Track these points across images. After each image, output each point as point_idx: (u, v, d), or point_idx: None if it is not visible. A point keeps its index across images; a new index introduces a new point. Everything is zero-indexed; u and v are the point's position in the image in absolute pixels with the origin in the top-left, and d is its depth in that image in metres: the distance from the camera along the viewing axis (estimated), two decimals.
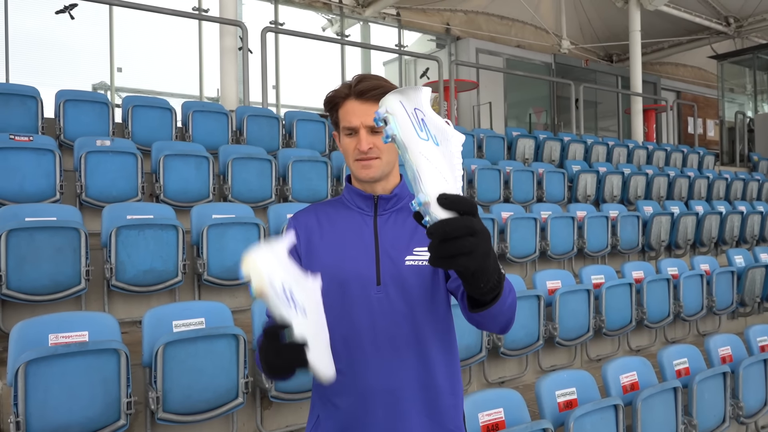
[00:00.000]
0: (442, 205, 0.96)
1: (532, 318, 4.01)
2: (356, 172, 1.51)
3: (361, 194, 1.54)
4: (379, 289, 1.46)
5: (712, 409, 3.41)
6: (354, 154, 1.49)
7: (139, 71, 10.17)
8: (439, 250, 0.95)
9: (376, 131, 1.48)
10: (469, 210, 0.97)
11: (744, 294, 5.72)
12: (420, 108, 1.02)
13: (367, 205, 1.54)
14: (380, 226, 1.52)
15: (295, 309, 1.16)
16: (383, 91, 1.47)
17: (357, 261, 1.48)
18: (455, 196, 0.97)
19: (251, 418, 3.13)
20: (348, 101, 1.49)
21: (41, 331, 2.64)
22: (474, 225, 0.95)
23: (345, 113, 1.49)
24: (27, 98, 5.16)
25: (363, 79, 1.49)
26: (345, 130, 1.50)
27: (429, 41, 13.62)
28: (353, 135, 1.49)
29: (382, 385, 1.44)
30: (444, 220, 0.95)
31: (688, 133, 16.82)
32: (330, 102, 1.54)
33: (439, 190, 0.96)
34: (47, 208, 3.81)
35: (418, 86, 1.05)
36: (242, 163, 5.06)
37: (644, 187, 7.89)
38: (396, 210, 1.55)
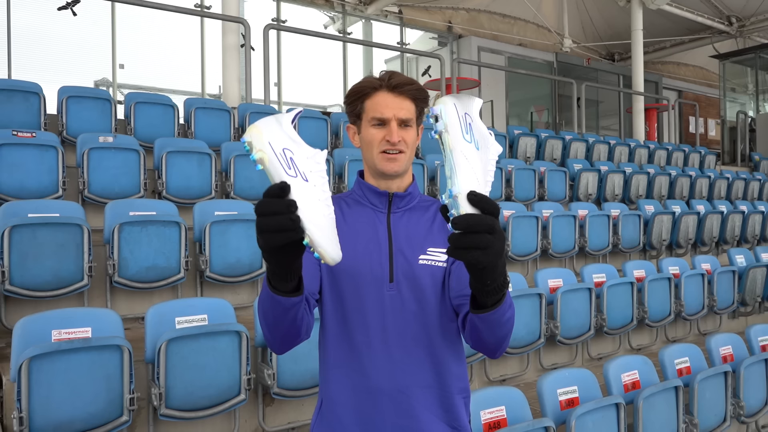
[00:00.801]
0: (470, 201, 1.06)
1: (533, 316, 4.01)
2: (380, 164, 1.49)
3: (376, 191, 1.53)
4: (392, 287, 1.45)
5: (713, 408, 3.42)
6: (380, 145, 1.48)
7: (141, 68, 10.17)
8: (459, 241, 1.04)
9: (405, 125, 1.48)
10: (492, 210, 1.06)
11: (745, 293, 5.72)
12: (470, 114, 1.14)
13: (380, 202, 1.53)
14: (394, 224, 1.51)
15: (296, 174, 1.09)
16: (416, 87, 1.49)
17: (370, 257, 1.46)
18: (483, 195, 1.07)
19: (253, 415, 3.14)
20: (379, 92, 1.48)
21: (44, 327, 2.65)
22: (494, 224, 1.05)
23: (375, 104, 1.48)
24: (30, 94, 5.16)
25: (394, 74, 1.50)
26: (373, 121, 1.48)
27: (431, 39, 13.61)
28: (382, 126, 1.48)
29: (391, 383, 1.44)
30: (469, 214, 1.04)
31: (690, 133, 16.81)
32: (359, 91, 1.51)
33: (470, 187, 1.07)
34: (50, 205, 3.81)
35: (472, 96, 1.17)
36: (245, 160, 5.07)
37: (646, 186, 7.89)
38: (409, 208, 1.54)
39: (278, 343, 1.37)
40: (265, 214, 1.06)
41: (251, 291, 4.25)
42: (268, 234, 1.06)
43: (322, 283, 1.49)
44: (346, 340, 1.47)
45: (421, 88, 1.51)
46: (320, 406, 1.53)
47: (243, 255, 4.00)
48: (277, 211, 1.05)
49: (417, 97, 1.50)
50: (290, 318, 1.28)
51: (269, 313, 1.28)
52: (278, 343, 1.38)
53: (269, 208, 1.05)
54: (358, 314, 1.45)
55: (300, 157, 1.12)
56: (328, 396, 1.49)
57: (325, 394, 1.51)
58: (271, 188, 1.06)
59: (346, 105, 1.56)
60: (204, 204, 4.28)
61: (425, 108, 1.54)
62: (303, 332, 1.37)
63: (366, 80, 1.51)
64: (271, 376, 2.94)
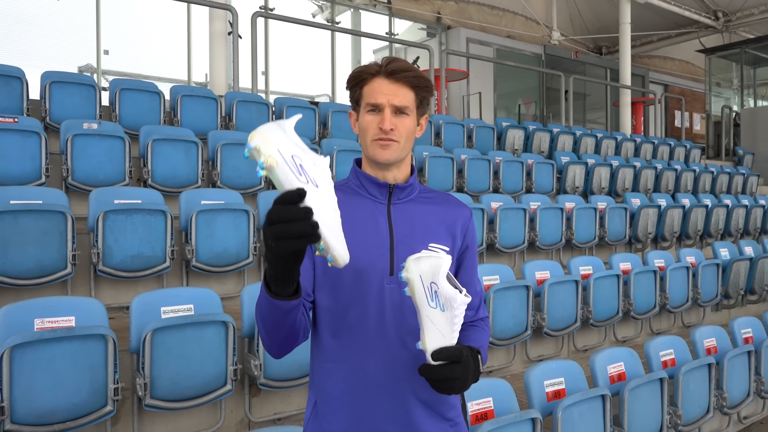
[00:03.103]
0: (434, 358, 1.28)
1: (520, 308, 4.02)
2: (372, 152, 1.46)
3: (376, 182, 1.49)
4: (392, 280, 1.43)
5: (697, 399, 3.45)
6: (374, 132, 1.44)
7: (126, 54, 10.02)
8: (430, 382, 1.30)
9: (401, 113, 1.45)
10: (456, 360, 1.29)
11: (728, 286, 5.79)
12: (435, 281, 1.26)
13: (380, 193, 1.50)
14: (394, 216, 1.48)
15: (307, 180, 1.12)
16: (414, 74, 1.45)
17: (371, 250, 1.43)
18: (446, 350, 1.28)
19: (239, 406, 3.12)
20: (376, 78, 1.45)
21: (27, 315, 2.61)
22: (452, 374, 1.29)
23: (371, 90, 1.44)
24: (12, 79, 5.06)
25: (394, 60, 1.46)
26: (368, 107, 1.45)
27: (419, 30, 13.55)
28: (376, 113, 1.44)
29: (388, 376, 1.42)
30: (431, 366, 1.28)
31: (675, 127, 16.94)
32: (357, 77, 1.47)
33: (435, 346, 1.28)
34: (33, 191, 3.75)
35: (439, 254, 1.28)
36: (232, 149, 5.01)
37: (632, 180, 7.94)
38: (410, 200, 1.52)
39: (277, 347, 1.38)
40: (284, 221, 1.07)
41: (238, 281, 4.22)
42: (286, 241, 1.07)
43: (316, 279, 1.46)
44: (343, 334, 1.44)
45: (420, 75, 1.47)
46: (314, 404, 1.49)
47: (230, 244, 3.96)
48: (295, 218, 1.07)
49: (416, 85, 1.46)
50: (290, 321, 1.30)
51: (268, 318, 1.29)
52: (277, 347, 1.39)
53: (288, 215, 1.07)
54: (356, 307, 1.42)
55: (308, 164, 1.14)
56: (324, 390, 1.46)
57: (319, 390, 1.48)
58: (288, 195, 1.07)
59: (348, 90, 1.53)
60: (190, 193, 4.23)
61: (428, 96, 1.50)
62: (301, 335, 1.39)
63: (365, 66, 1.48)
64: (257, 366, 2.92)
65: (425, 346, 1.28)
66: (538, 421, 2.55)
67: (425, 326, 1.28)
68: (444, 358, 1.27)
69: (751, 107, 14.17)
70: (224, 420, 3.03)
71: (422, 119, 1.52)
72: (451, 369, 1.27)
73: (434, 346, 1.28)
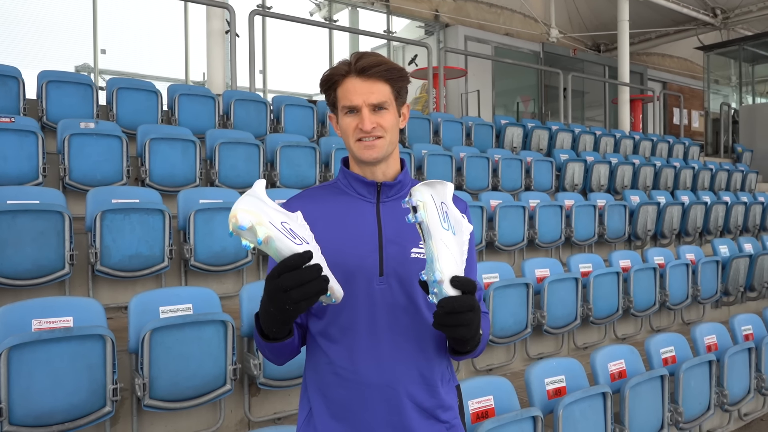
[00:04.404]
0: (453, 285, 1.20)
1: (520, 306, 4.01)
2: (358, 153, 1.44)
3: (363, 180, 1.47)
4: (382, 280, 1.40)
5: (698, 396, 3.45)
6: (355, 133, 1.42)
7: (123, 53, 9.99)
8: (444, 320, 1.21)
9: (379, 108, 1.42)
10: (471, 289, 1.22)
11: (728, 283, 5.78)
12: (445, 202, 1.25)
13: (368, 192, 1.47)
14: (383, 215, 1.46)
15: (301, 241, 1.19)
16: (386, 68, 1.42)
17: (359, 250, 1.41)
18: (464, 278, 1.22)
19: (239, 405, 3.10)
20: (348, 79, 1.42)
21: (24, 316, 2.59)
22: (474, 303, 1.22)
23: (345, 91, 1.42)
24: (8, 78, 5.04)
25: (363, 56, 1.42)
26: (345, 109, 1.42)
27: (417, 28, 13.52)
28: (354, 114, 1.42)
29: (381, 378, 1.39)
30: (454, 296, 1.20)
31: (674, 124, 16.93)
32: (328, 80, 1.45)
33: (452, 272, 1.21)
34: (30, 191, 3.73)
35: (443, 181, 1.27)
36: (230, 148, 5.00)
37: (631, 177, 7.93)
38: (399, 198, 1.48)
39: (279, 363, 1.45)
40: (301, 284, 1.16)
41: (237, 280, 4.20)
42: (305, 302, 1.17)
43: None
44: (335, 338, 1.42)
45: (393, 67, 1.44)
46: (309, 409, 1.46)
47: (228, 244, 3.95)
48: (311, 278, 1.16)
49: (389, 78, 1.43)
50: (289, 349, 1.39)
51: (266, 351, 1.39)
52: (279, 364, 1.45)
53: (304, 278, 1.16)
54: (347, 309, 1.40)
55: (295, 225, 1.21)
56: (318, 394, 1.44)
57: (313, 394, 1.45)
58: (295, 260, 1.15)
59: (323, 94, 1.50)
60: (188, 192, 4.21)
61: (404, 85, 1.48)
62: (300, 346, 1.45)
63: (335, 67, 1.44)
64: (257, 366, 2.91)
65: (443, 273, 1.20)
66: (539, 419, 2.54)
67: (440, 251, 1.21)
68: (463, 285, 1.21)
69: (749, 104, 14.17)
70: (224, 420, 3.02)
71: (403, 109, 1.50)
72: (470, 298, 1.21)
73: (451, 272, 1.21)
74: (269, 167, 5.30)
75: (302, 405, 1.50)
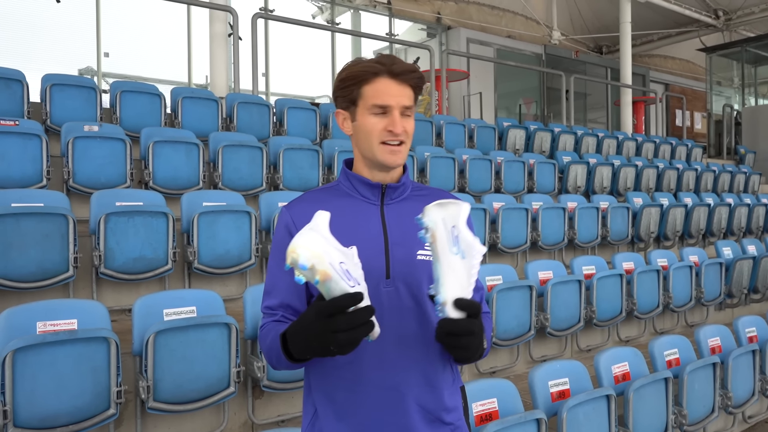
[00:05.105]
0: (457, 307, 1.24)
1: (524, 308, 4.01)
2: (381, 156, 1.42)
3: (368, 183, 1.46)
4: (389, 283, 1.40)
5: (702, 399, 3.43)
6: (381, 135, 1.41)
7: (126, 57, 10.02)
8: (443, 340, 1.27)
9: (407, 115, 1.43)
10: (474, 312, 1.25)
11: (732, 285, 5.77)
12: (457, 225, 1.26)
13: (373, 194, 1.46)
14: (388, 217, 1.45)
15: (354, 283, 1.20)
16: (418, 75, 1.43)
17: (366, 253, 1.37)
18: (468, 301, 1.25)
19: (243, 408, 3.10)
20: (380, 78, 1.40)
21: (29, 318, 2.59)
22: (473, 327, 1.26)
23: (376, 91, 1.40)
24: (12, 81, 5.05)
25: (395, 59, 1.42)
26: (375, 108, 1.40)
27: (420, 30, 13.54)
28: (382, 115, 1.41)
29: (387, 381, 1.39)
30: (454, 320, 1.24)
31: (676, 126, 16.91)
32: (358, 76, 1.41)
33: (455, 296, 1.24)
34: (34, 194, 3.74)
35: (459, 201, 1.28)
36: (233, 151, 5.00)
37: (634, 179, 7.92)
38: (402, 199, 1.49)
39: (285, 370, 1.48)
40: (353, 327, 1.17)
41: (240, 282, 4.21)
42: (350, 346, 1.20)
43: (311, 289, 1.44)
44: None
45: (422, 76, 1.47)
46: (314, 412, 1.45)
47: (232, 246, 3.95)
48: (362, 322, 1.18)
49: (417, 86, 1.44)
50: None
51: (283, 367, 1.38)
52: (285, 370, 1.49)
53: (355, 322, 1.18)
54: None
55: (350, 265, 1.22)
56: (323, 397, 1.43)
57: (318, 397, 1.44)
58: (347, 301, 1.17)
59: (339, 89, 1.45)
60: (192, 194, 4.22)
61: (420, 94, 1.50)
62: None
63: (364, 64, 1.42)
64: (260, 368, 2.91)
65: (445, 295, 1.23)
66: (543, 422, 2.54)
67: (445, 275, 1.24)
68: (466, 307, 1.24)
69: (752, 106, 14.15)
70: (227, 422, 3.02)
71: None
72: (471, 323, 1.25)
73: (454, 295, 1.23)
74: (272, 170, 5.31)
75: (306, 407, 1.49)
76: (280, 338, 1.32)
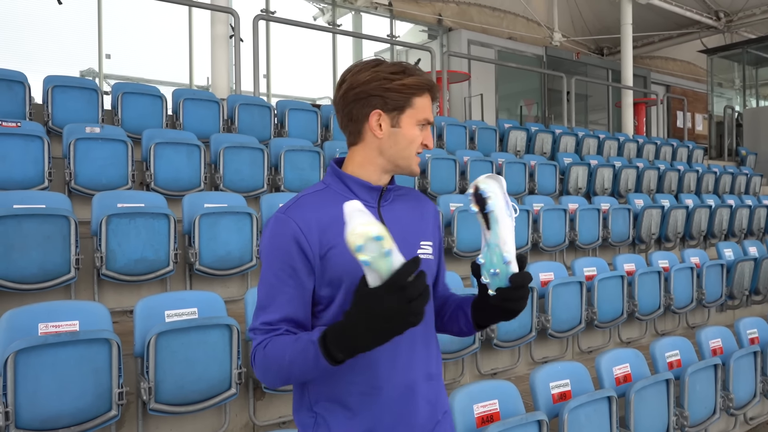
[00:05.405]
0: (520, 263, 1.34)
1: (525, 310, 3.98)
2: (414, 166, 1.49)
3: (368, 185, 1.46)
4: None
5: (704, 400, 3.43)
6: (418, 147, 1.47)
7: (127, 58, 10.03)
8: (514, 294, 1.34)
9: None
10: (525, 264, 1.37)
11: (733, 287, 5.76)
12: (505, 192, 1.39)
13: (371, 197, 1.46)
14: (386, 218, 1.46)
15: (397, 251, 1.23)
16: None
17: None
18: (524, 257, 1.37)
19: (244, 409, 3.11)
20: (426, 95, 1.47)
21: (31, 320, 2.60)
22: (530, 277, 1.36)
23: (425, 105, 1.47)
24: (14, 83, 5.06)
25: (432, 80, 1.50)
26: (422, 121, 1.47)
27: (421, 32, 13.56)
28: (422, 128, 1.47)
29: (398, 380, 1.40)
30: (525, 273, 1.34)
31: (677, 127, 16.91)
32: (417, 86, 1.44)
33: (515, 252, 1.35)
34: (36, 196, 3.74)
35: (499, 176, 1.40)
36: (234, 152, 5.01)
37: (635, 180, 7.92)
38: (392, 201, 1.51)
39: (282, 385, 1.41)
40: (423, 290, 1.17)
41: (241, 284, 4.21)
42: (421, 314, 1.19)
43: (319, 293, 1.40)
44: None
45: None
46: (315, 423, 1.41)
47: (233, 248, 3.96)
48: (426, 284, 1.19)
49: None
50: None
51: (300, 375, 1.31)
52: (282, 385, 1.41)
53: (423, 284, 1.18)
54: None
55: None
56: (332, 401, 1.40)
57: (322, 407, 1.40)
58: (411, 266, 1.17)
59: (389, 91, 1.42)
60: (193, 196, 4.22)
61: None
62: None
63: (419, 77, 1.45)
64: None
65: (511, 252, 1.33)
66: (545, 423, 2.54)
67: (508, 236, 1.34)
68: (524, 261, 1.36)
69: (753, 107, 14.15)
70: (229, 424, 3.02)
71: None
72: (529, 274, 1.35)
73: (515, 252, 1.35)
74: (273, 171, 5.31)
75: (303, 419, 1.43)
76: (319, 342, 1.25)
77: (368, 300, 1.18)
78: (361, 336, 1.20)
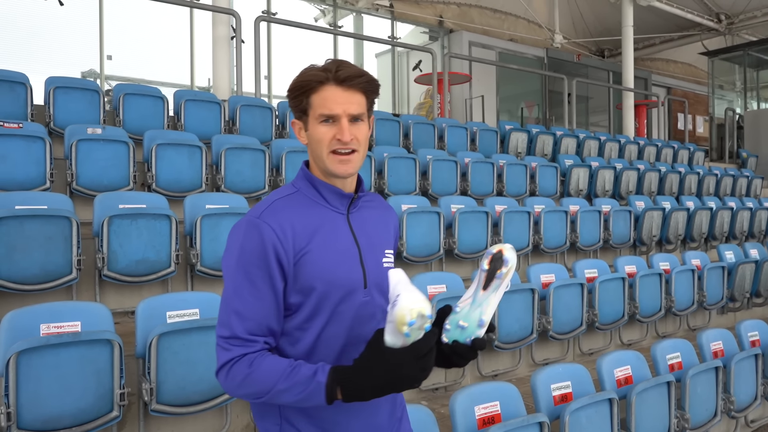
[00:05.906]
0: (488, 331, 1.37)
1: (526, 311, 4.01)
2: (332, 167, 1.38)
3: (340, 193, 1.43)
4: (366, 293, 1.41)
5: (705, 403, 3.43)
6: (331, 144, 1.37)
7: (129, 59, 10.05)
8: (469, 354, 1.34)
9: (356, 120, 1.38)
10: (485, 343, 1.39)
11: (734, 289, 5.76)
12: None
13: (341, 204, 1.44)
14: (354, 225, 1.44)
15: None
16: (367, 79, 1.39)
17: (344, 265, 1.38)
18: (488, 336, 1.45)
19: (245, 411, 3.11)
20: (326, 86, 1.35)
21: (32, 320, 2.60)
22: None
23: (323, 99, 1.35)
24: (16, 84, 5.07)
25: (342, 64, 1.37)
26: (321, 117, 1.36)
27: (422, 33, 13.57)
28: (330, 123, 1.36)
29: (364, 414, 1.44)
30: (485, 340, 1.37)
31: (678, 129, 16.91)
32: (303, 86, 1.37)
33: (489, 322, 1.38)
34: (37, 197, 3.75)
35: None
36: (235, 153, 5.01)
37: (636, 182, 7.92)
38: (360, 208, 1.48)
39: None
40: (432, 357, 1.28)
41: None
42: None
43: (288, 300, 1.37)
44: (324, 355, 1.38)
45: (373, 79, 1.41)
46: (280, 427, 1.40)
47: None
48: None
49: (368, 90, 1.40)
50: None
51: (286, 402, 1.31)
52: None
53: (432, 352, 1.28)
54: (336, 326, 1.38)
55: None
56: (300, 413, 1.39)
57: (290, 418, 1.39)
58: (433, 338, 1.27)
59: (290, 99, 1.41)
60: (194, 197, 4.22)
61: (376, 97, 1.45)
62: None
63: (310, 72, 1.37)
64: None
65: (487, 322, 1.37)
66: (546, 425, 2.54)
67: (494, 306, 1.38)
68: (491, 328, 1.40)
69: (754, 109, 14.15)
70: (230, 425, 3.02)
71: (370, 120, 1.47)
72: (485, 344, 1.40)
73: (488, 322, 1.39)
74: (275, 172, 5.32)
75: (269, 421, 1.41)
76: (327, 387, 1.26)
77: (393, 360, 1.24)
78: (372, 389, 1.26)
